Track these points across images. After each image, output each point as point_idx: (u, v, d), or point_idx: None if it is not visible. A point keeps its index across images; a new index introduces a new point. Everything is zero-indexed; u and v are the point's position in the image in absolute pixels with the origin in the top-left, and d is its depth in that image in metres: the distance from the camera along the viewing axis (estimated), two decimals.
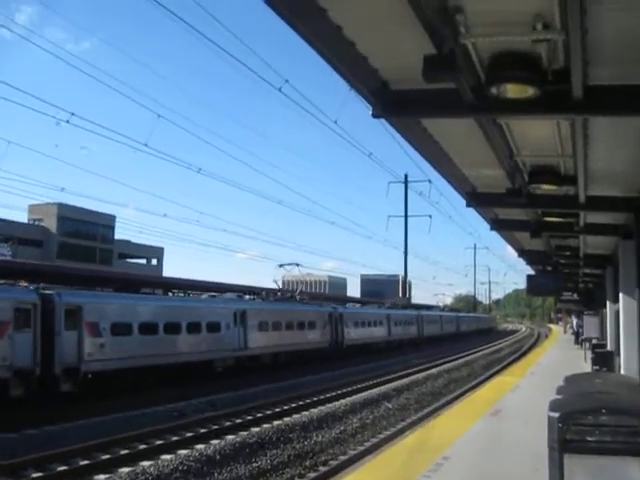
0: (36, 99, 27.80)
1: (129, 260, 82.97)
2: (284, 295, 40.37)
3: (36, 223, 73.30)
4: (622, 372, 13.46)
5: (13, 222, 65.19)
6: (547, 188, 10.38)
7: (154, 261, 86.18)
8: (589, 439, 4.09)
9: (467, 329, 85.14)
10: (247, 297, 34.09)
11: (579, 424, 4.12)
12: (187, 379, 24.53)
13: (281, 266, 39.40)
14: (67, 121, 24.05)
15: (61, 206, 69.10)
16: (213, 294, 32.71)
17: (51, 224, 72.33)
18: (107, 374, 21.95)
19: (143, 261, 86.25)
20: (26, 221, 72.99)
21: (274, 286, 42.27)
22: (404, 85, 6.65)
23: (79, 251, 70.62)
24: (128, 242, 76.57)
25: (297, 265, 39.87)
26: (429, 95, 6.55)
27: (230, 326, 29.27)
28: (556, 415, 4.14)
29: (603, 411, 4.14)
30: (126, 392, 20.97)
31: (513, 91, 5.84)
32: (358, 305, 57.13)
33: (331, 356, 37.75)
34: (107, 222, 76.22)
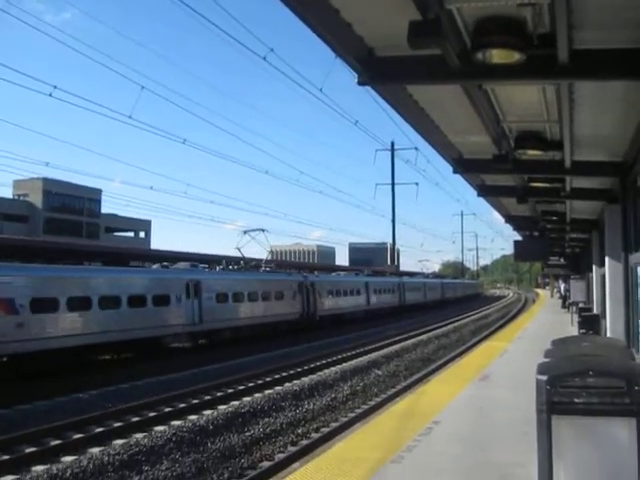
0: (17, 72, 27.33)
1: (116, 234, 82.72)
2: (248, 264, 36.56)
3: (21, 198, 72.76)
4: (608, 335, 13.64)
5: None
6: (533, 153, 10.41)
7: (142, 234, 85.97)
8: (576, 401, 4.16)
9: (453, 296, 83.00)
10: (202, 266, 30.96)
11: (566, 386, 4.18)
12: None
13: (246, 232, 36.22)
14: (50, 94, 23.73)
15: (46, 181, 68.59)
16: (165, 264, 29.08)
17: (36, 199, 71.88)
18: (27, 357, 19.20)
19: (131, 234, 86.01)
20: (11, 197, 72.44)
21: (260, 257, 40.20)
22: (390, 52, 6.60)
23: (65, 226, 70.29)
24: (115, 215, 76.22)
25: (262, 231, 36.74)
26: (415, 62, 6.52)
27: (181, 299, 26.48)
28: (544, 378, 4.19)
29: (590, 373, 4.20)
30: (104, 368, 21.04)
31: (499, 56, 5.81)
32: (342, 273, 53.77)
33: (303, 328, 35.71)
34: (93, 196, 75.82)
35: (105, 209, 76.80)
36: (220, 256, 36.99)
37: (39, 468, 10.59)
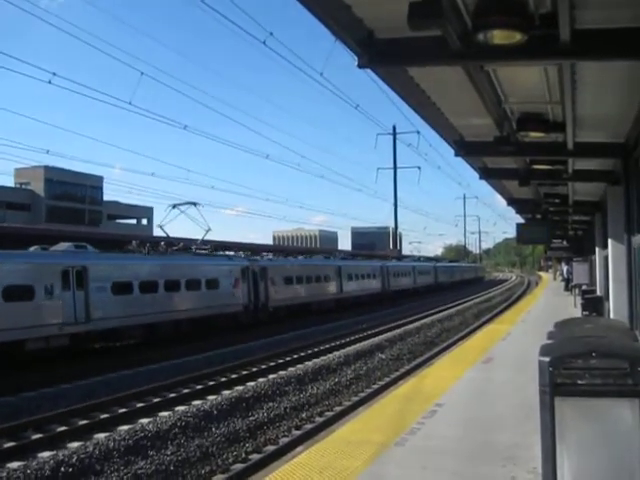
0: (15, 60, 27.23)
1: (119, 221, 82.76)
2: (173, 246, 29.43)
3: (23, 187, 72.77)
4: (611, 316, 13.63)
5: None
6: (535, 135, 10.34)
7: (144, 221, 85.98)
8: (579, 382, 4.15)
9: (449, 280, 75.83)
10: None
11: (569, 368, 4.18)
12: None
13: (174, 207, 30.86)
14: (49, 81, 23.67)
15: (48, 169, 68.60)
16: (45, 246, 22.22)
17: (38, 187, 71.86)
18: None
19: (133, 221, 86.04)
20: (13, 185, 72.45)
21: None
22: (390, 34, 6.54)
23: (68, 213, 70.30)
24: (117, 203, 76.24)
25: (194, 205, 30.60)
26: (415, 43, 6.45)
27: (53, 291, 20.35)
28: (547, 359, 4.19)
29: (593, 354, 4.19)
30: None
31: (500, 37, 5.75)
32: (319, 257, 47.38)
33: (249, 322, 30.03)
34: (95, 183, 75.84)
35: (107, 196, 76.94)
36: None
37: (45, 454, 10.66)
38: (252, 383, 16.30)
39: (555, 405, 4.13)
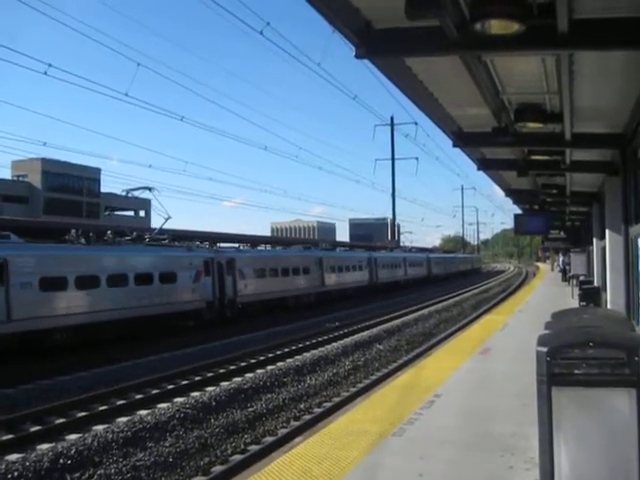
0: (10, 50, 27.14)
1: (117, 213, 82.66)
2: (125, 235, 26.36)
3: (20, 179, 72.63)
4: (608, 307, 13.67)
5: None
6: (533, 126, 10.33)
7: (142, 213, 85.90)
8: (577, 372, 4.16)
9: (443, 272, 73.10)
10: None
11: (567, 358, 4.19)
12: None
13: (128, 192, 29.86)
14: (45, 73, 23.58)
15: (45, 161, 68.46)
16: None
17: (36, 180, 71.71)
18: None
19: (131, 213, 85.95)
20: (10, 178, 72.31)
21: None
22: (387, 24, 6.52)
23: (65, 206, 70.19)
24: (114, 194, 76.10)
25: (149, 189, 28.51)
26: (413, 34, 6.43)
27: None
28: (544, 349, 4.20)
29: (590, 344, 4.20)
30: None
31: (498, 27, 5.73)
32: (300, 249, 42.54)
33: (213, 320, 27.44)
34: (92, 175, 75.67)
35: (104, 188, 76.79)
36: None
37: (44, 446, 10.68)
38: (250, 374, 16.34)
39: (552, 395, 4.15)
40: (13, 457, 10.07)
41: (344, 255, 47.29)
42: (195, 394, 14.20)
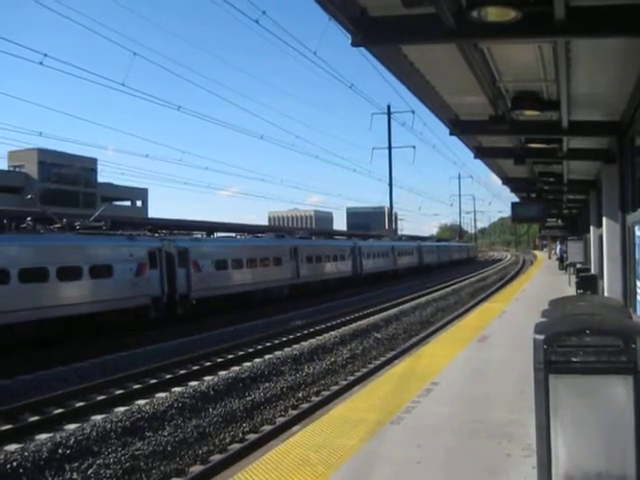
0: (5, 40, 26.97)
1: (113, 203, 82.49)
2: (53, 223, 23.30)
3: (16, 170, 72.35)
4: (605, 294, 13.69)
5: None
6: (530, 114, 10.33)
7: (139, 203, 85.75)
8: (574, 359, 4.17)
9: (436, 261, 70.65)
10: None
11: (564, 345, 4.19)
12: None
13: (48, 178, 24.57)
14: (40, 62, 23.48)
15: (41, 151, 68.16)
16: None
17: (32, 170, 71.40)
18: None
19: (127, 203, 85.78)
20: (6, 168, 72.05)
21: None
22: (383, 12, 6.49)
23: (62, 196, 69.95)
24: (111, 185, 75.96)
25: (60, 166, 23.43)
26: (409, 21, 6.41)
27: None
28: (541, 337, 4.20)
29: (587, 332, 4.21)
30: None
31: (494, 14, 5.72)
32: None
33: (161, 319, 24.29)
34: (89, 165, 75.39)
35: (100, 178, 76.59)
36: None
37: (42, 436, 10.70)
38: (248, 363, 16.37)
39: (549, 382, 4.15)
40: (12, 447, 10.08)
41: (323, 244, 43.66)
42: (193, 383, 14.22)
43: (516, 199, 29.05)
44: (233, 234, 38.12)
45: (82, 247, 21.99)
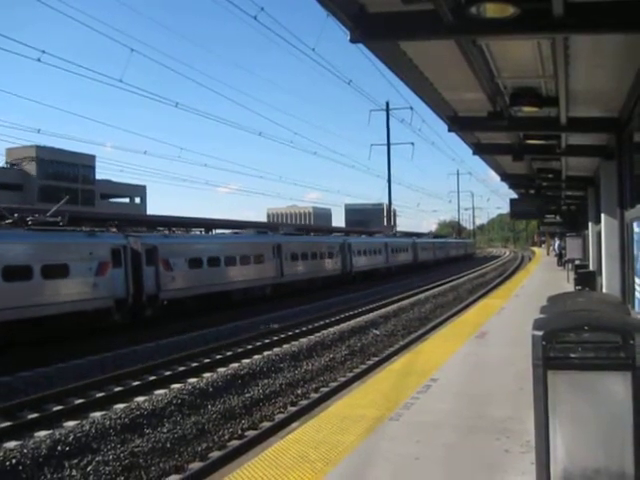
0: (3, 37, 26.95)
1: (112, 200, 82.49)
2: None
3: (15, 167, 72.28)
4: (604, 290, 13.71)
5: None
6: (528, 110, 10.31)
7: (137, 199, 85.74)
8: (572, 356, 4.18)
9: (432, 258, 68.74)
10: None
11: (562, 341, 4.20)
12: None
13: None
14: (38, 59, 23.45)
15: (39, 148, 68.15)
16: None
17: (30, 167, 71.36)
18: None
19: (126, 200, 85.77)
20: (4, 165, 71.99)
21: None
22: (382, 8, 6.48)
23: (60, 193, 69.92)
24: (109, 181, 75.94)
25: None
26: (408, 18, 6.40)
27: None
28: (540, 333, 4.21)
29: (586, 328, 4.21)
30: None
31: (493, 10, 5.71)
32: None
33: (126, 322, 22.69)
34: (87, 162, 75.39)
35: (99, 175, 76.59)
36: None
37: (41, 433, 10.71)
38: (247, 360, 16.37)
39: (548, 378, 4.16)
40: (11, 444, 10.09)
41: (309, 240, 41.44)
42: (192, 380, 14.23)
43: (515, 195, 29.09)
44: (229, 230, 37.38)
45: (32, 245, 20.05)
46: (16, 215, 21.51)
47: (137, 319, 23.39)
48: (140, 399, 12.72)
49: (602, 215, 14.21)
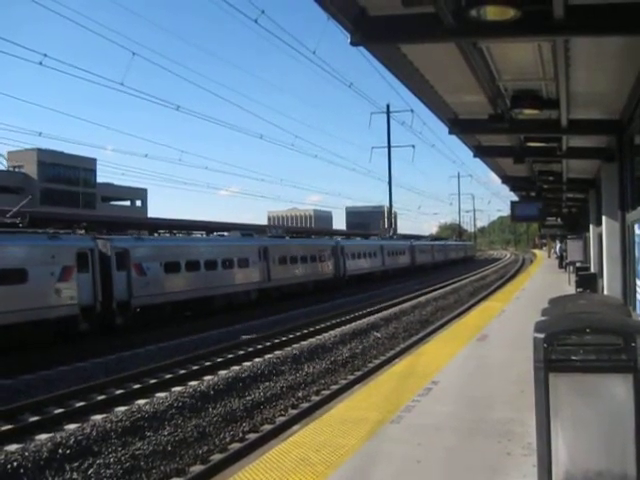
0: (5, 41, 27.02)
1: (113, 203, 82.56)
2: None
3: (16, 170, 72.35)
4: (605, 293, 13.69)
5: None
6: (529, 113, 10.31)
7: (138, 202, 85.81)
8: (574, 358, 4.17)
9: (431, 261, 67.59)
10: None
11: (564, 344, 4.20)
12: None
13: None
14: (40, 63, 23.50)
15: (40, 151, 68.21)
16: None
17: (31, 170, 71.44)
18: None
19: (127, 203, 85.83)
20: (5, 168, 72.06)
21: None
22: (383, 11, 6.49)
23: (62, 196, 69.98)
24: (111, 185, 76.00)
25: None
26: (408, 20, 6.40)
27: None
28: (541, 336, 4.21)
29: (587, 330, 4.21)
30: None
31: (493, 13, 5.71)
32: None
33: (93, 330, 21.31)
34: (88, 165, 75.48)
35: (100, 178, 76.62)
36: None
37: (43, 436, 10.70)
38: (248, 363, 16.36)
39: (549, 381, 4.16)
40: (12, 447, 10.08)
41: (299, 243, 39.77)
42: (193, 383, 14.22)
43: (515, 198, 29.04)
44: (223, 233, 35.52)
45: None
46: None
47: (106, 327, 22.06)
48: (141, 402, 12.72)
49: (603, 217, 14.20)
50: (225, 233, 34.99)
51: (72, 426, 11.33)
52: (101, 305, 21.85)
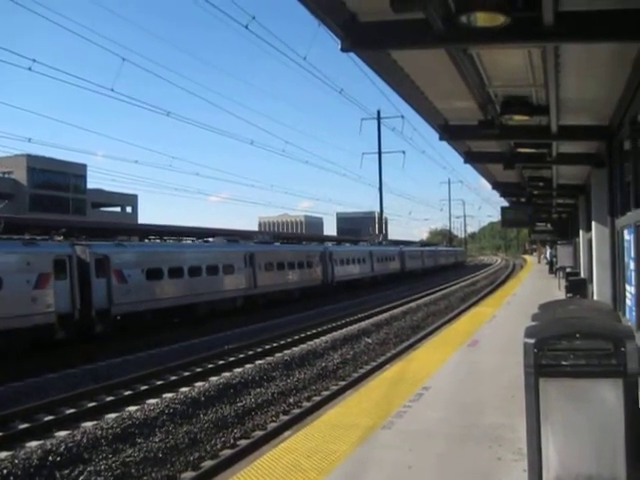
0: None
1: (103, 209, 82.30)
2: None
3: (5, 176, 72.02)
4: (595, 298, 13.74)
5: None
6: (519, 119, 10.35)
7: (129, 209, 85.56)
8: (564, 363, 4.19)
9: (420, 267, 67.17)
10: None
11: (554, 349, 4.21)
12: None
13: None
14: (29, 68, 23.44)
15: (30, 157, 67.88)
16: None
17: (21, 176, 71.11)
18: None
19: (117, 209, 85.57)
20: None
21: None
22: (373, 17, 6.50)
23: (51, 202, 69.69)
24: (101, 190, 75.74)
25: None
26: (399, 27, 6.41)
27: None
28: (531, 341, 4.22)
29: (577, 335, 4.23)
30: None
31: (483, 19, 5.73)
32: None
33: (71, 339, 20.75)
34: (78, 171, 75.16)
35: (90, 184, 76.36)
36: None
37: (33, 444, 10.64)
38: (239, 369, 16.33)
39: (540, 386, 4.17)
40: (2, 455, 10.02)
41: (286, 249, 39.52)
42: (184, 389, 14.17)
43: (506, 203, 29.15)
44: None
45: None
46: None
47: (85, 336, 21.33)
48: (132, 408, 12.66)
49: (593, 223, 14.27)
50: (210, 239, 34.47)
51: (62, 433, 11.27)
52: (80, 313, 21.29)
